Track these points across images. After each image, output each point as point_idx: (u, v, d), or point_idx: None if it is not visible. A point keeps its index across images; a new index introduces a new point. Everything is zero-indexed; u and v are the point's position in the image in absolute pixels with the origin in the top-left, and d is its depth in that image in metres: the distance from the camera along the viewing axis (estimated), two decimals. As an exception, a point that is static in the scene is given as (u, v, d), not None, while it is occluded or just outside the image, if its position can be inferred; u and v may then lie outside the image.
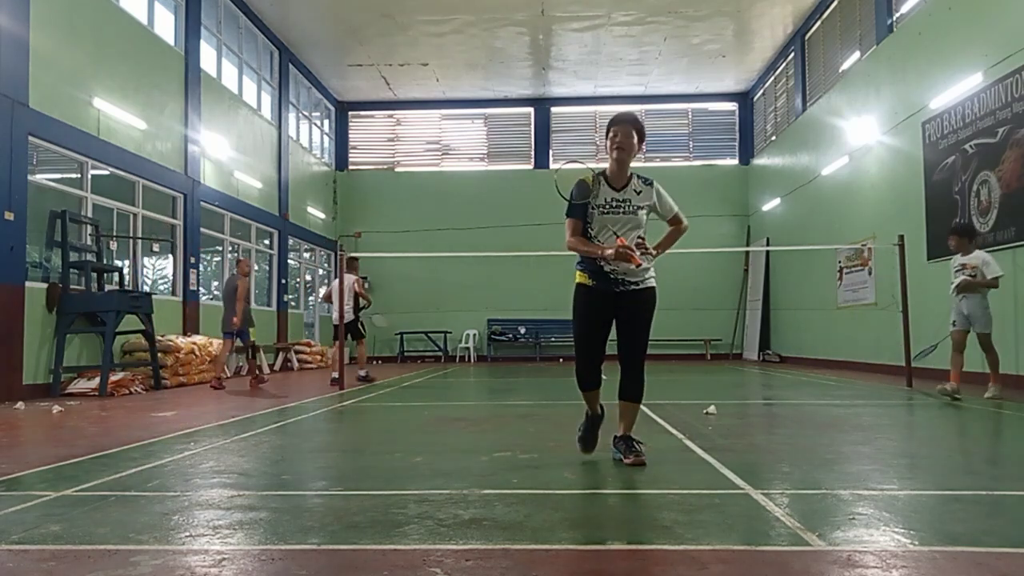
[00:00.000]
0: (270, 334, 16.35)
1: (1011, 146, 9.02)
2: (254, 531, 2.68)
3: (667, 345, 20.32)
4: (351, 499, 3.20)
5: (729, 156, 21.28)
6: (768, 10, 15.70)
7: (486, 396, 9.45)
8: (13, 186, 8.54)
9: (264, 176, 16.25)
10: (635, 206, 3.98)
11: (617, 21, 15.98)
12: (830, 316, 14.89)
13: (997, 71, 9.27)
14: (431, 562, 2.27)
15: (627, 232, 3.95)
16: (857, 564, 2.23)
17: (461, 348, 20.22)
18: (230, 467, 4.02)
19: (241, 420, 6.27)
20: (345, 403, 8.08)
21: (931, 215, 10.80)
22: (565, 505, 3.04)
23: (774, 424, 6.14)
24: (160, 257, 13.16)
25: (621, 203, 3.97)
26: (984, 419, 6.23)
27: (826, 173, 14.98)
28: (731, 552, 2.37)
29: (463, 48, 17.43)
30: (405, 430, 6.04)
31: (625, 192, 3.98)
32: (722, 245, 20.19)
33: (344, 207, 21.30)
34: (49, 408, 7.38)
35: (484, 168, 21.32)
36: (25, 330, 8.73)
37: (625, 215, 3.97)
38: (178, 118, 12.60)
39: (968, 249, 7.58)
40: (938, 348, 8.26)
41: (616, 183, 3.98)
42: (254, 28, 15.98)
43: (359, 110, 21.71)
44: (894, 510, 2.89)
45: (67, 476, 3.76)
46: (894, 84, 12.13)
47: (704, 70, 19.06)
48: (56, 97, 9.44)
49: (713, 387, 10.28)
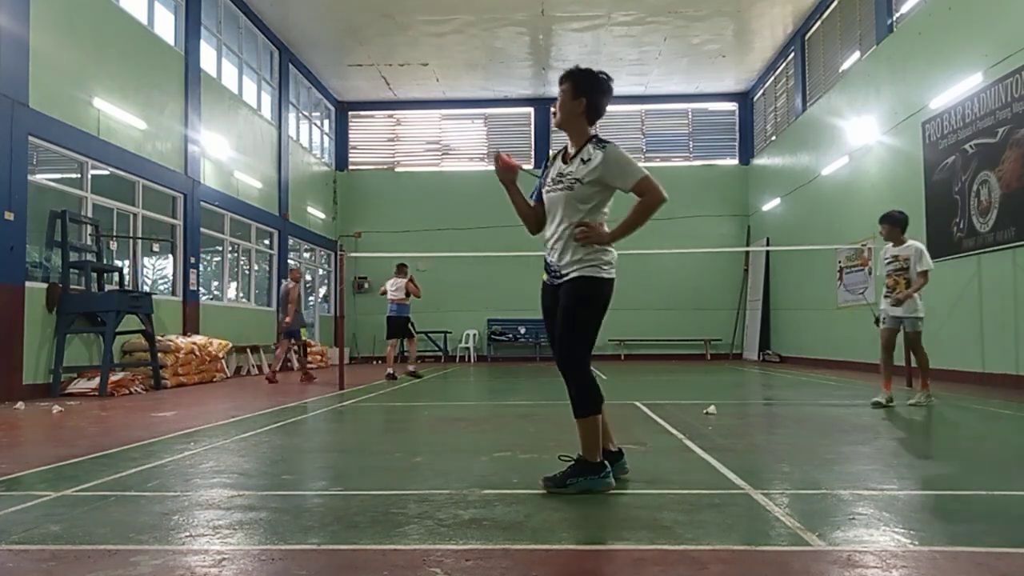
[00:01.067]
0: (270, 334, 16.35)
1: (1011, 146, 9.02)
2: (254, 531, 2.69)
3: (667, 345, 20.35)
4: (351, 499, 3.20)
5: (729, 156, 21.28)
6: (768, 10, 15.70)
7: (486, 396, 9.45)
8: (13, 186, 8.54)
9: (264, 176, 16.25)
10: (573, 179, 3.30)
11: (617, 21, 15.98)
12: (830, 316, 14.89)
13: (997, 71, 9.27)
14: (431, 562, 2.27)
15: (565, 213, 3.33)
16: (857, 564, 2.23)
17: (461, 348, 20.23)
18: (230, 467, 4.02)
19: (241, 420, 6.27)
20: (345, 403, 8.08)
21: (931, 215, 10.80)
22: (565, 505, 3.04)
23: (774, 424, 6.14)
24: (160, 257, 13.16)
25: (562, 177, 3.35)
26: (984, 419, 6.23)
27: (826, 173, 14.98)
28: (731, 552, 2.38)
29: (463, 48, 17.43)
30: (405, 430, 6.05)
31: (572, 163, 3.35)
32: (722, 245, 20.20)
33: (344, 207, 21.31)
34: (49, 408, 7.38)
35: (484, 168, 21.31)
36: (25, 330, 8.73)
37: (561, 192, 3.34)
38: (178, 118, 12.60)
39: (900, 239, 7.01)
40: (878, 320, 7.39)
41: (568, 155, 3.41)
42: (254, 28, 15.98)
43: (359, 110, 21.72)
44: (894, 510, 2.89)
45: (67, 476, 3.76)
46: (894, 84, 12.13)
47: (704, 70, 19.07)
48: (56, 97, 9.44)
49: (713, 387, 10.28)
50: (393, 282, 12.36)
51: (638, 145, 21.22)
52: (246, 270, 16.15)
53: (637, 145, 21.21)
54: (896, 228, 7.02)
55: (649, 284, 19.97)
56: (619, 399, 7.71)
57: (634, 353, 20.10)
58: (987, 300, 9.51)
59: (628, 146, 21.17)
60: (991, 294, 9.45)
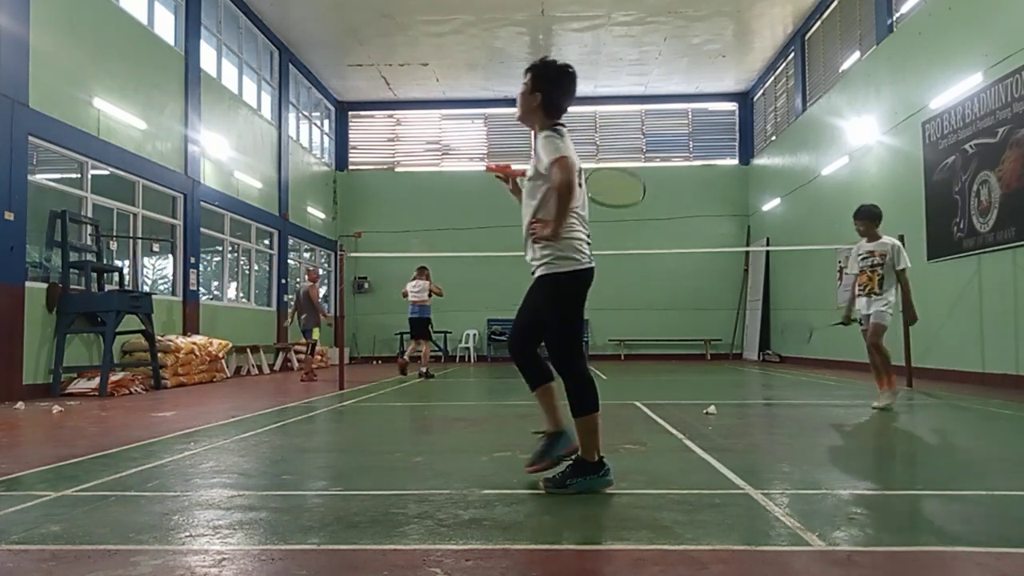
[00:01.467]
0: (269, 334, 16.36)
1: (1011, 146, 9.02)
2: (254, 531, 2.68)
3: (667, 345, 20.34)
4: (351, 499, 3.20)
5: (729, 156, 21.28)
6: (768, 10, 15.71)
7: (486, 396, 9.45)
8: (13, 186, 8.55)
9: (264, 176, 16.25)
10: (527, 176, 3.37)
11: (617, 21, 15.98)
12: (830, 316, 14.87)
13: (997, 71, 9.27)
14: (431, 562, 2.27)
15: (525, 210, 3.36)
16: (857, 564, 2.23)
17: (461, 348, 20.23)
18: (230, 467, 4.02)
19: (241, 420, 6.27)
20: (345, 403, 8.08)
21: (931, 215, 10.80)
22: (565, 505, 3.04)
23: (774, 424, 6.14)
24: (160, 257, 13.16)
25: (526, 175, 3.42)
26: (984, 419, 6.23)
27: (826, 173, 14.98)
28: (731, 552, 2.38)
29: (463, 48, 17.43)
30: (405, 430, 6.05)
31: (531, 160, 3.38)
32: (722, 245, 20.20)
33: (344, 207, 21.31)
34: (49, 408, 7.38)
35: (484, 168, 21.30)
36: (25, 330, 8.73)
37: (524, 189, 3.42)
38: (178, 118, 12.60)
39: (875, 235, 6.70)
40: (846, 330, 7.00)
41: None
42: (254, 28, 15.98)
43: (359, 110, 21.72)
44: (894, 510, 2.89)
45: (67, 476, 3.76)
46: (894, 84, 12.13)
47: (704, 70, 19.06)
48: (56, 97, 9.44)
49: (713, 387, 10.28)
50: (414, 284, 12.47)
51: (638, 145, 21.22)
52: (246, 270, 16.15)
53: (637, 145, 21.21)
54: (873, 224, 6.72)
55: (649, 284, 19.98)
56: (619, 399, 7.71)
57: (634, 353, 20.09)
58: (987, 300, 9.51)
59: (628, 146, 21.22)
60: (991, 294, 9.44)
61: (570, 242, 3.26)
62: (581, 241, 3.29)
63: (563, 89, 3.37)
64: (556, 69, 3.36)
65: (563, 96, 3.37)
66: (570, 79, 3.38)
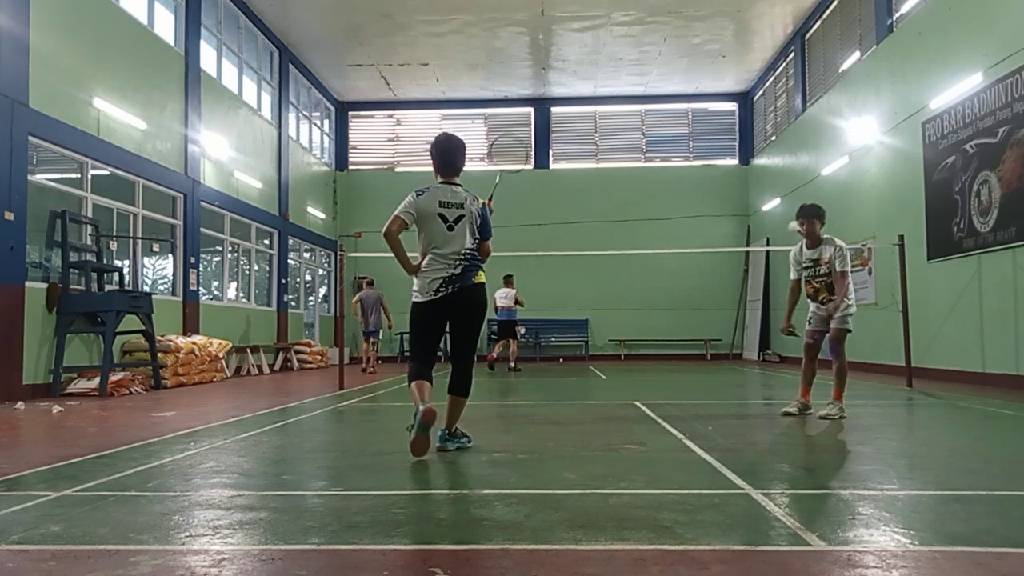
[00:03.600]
0: (270, 334, 16.36)
1: (1011, 146, 9.02)
2: (254, 531, 2.69)
3: (667, 345, 20.34)
4: (351, 499, 3.20)
5: (729, 156, 21.27)
6: (768, 10, 15.70)
7: (486, 396, 9.45)
8: (13, 186, 8.54)
9: (264, 176, 16.25)
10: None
11: (617, 21, 15.98)
12: (830, 316, 14.86)
13: (997, 71, 9.27)
14: (431, 562, 2.27)
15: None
16: (857, 564, 2.23)
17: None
18: (230, 467, 4.02)
19: (241, 420, 6.27)
20: (345, 403, 8.08)
21: (931, 215, 10.81)
22: (565, 505, 3.04)
23: (774, 424, 6.14)
24: (160, 257, 13.16)
25: None
26: (984, 419, 6.23)
27: (826, 173, 14.98)
28: (731, 552, 2.38)
29: (463, 48, 17.43)
30: (405, 430, 6.03)
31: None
32: (722, 245, 20.19)
33: (344, 207, 21.31)
34: (49, 408, 7.38)
35: (484, 168, 21.30)
36: (25, 330, 8.73)
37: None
38: (178, 118, 12.60)
39: (817, 237, 6.20)
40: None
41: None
42: (254, 28, 15.98)
43: (359, 110, 21.72)
44: (894, 510, 2.89)
45: (67, 476, 3.76)
46: (894, 84, 12.13)
47: (704, 70, 19.06)
48: (56, 97, 9.44)
49: (713, 387, 10.28)
50: (503, 291, 14.17)
51: (638, 145, 21.21)
52: (246, 270, 16.15)
53: (637, 145, 21.20)
54: (817, 223, 6.19)
55: (649, 284, 19.98)
56: (619, 399, 7.70)
57: (634, 353, 20.09)
58: (987, 300, 9.51)
59: (628, 146, 21.22)
60: (991, 294, 9.44)
61: (415, 280, 4.56)
62: (424, 278, 4.48)
63: (434, 149, 4.63)
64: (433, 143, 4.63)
65: (434, 153, 4.61)
66: (434, 142, 4.62)
